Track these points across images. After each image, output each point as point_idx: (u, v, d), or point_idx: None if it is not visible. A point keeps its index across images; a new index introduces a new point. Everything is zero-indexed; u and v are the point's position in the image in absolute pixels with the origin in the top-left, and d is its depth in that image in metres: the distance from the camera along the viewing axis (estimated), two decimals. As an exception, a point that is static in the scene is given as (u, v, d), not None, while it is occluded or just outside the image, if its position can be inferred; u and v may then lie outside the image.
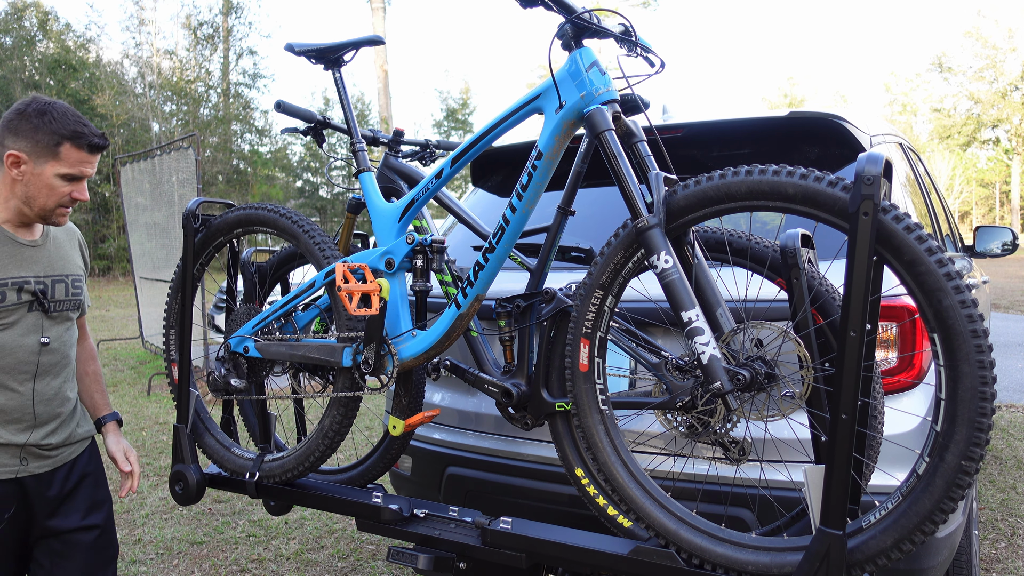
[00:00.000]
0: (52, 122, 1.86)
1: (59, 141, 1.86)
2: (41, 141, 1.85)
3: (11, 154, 1.84)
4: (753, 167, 1.39)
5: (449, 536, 1.88)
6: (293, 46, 2.16)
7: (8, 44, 26.68)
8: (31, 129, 1.84)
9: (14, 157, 1.84)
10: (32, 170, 1.86)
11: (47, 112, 1.87)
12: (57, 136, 1.86)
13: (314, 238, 2.08)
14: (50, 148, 1.86)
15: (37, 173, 1.86)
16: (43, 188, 1.88)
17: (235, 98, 30.27)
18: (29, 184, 1.87)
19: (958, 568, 2.43)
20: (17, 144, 1.85)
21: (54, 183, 1.88)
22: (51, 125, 1.85)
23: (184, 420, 2.28)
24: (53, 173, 1.87)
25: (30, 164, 1.85)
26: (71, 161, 1.89)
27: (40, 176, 1.87)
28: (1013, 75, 39.85)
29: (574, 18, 1.61)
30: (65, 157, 1.87)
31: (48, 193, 1.88)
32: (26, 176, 1.86)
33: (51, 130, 1.85)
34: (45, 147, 1.85)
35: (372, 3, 19.87)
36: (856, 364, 1.26)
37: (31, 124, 1.85)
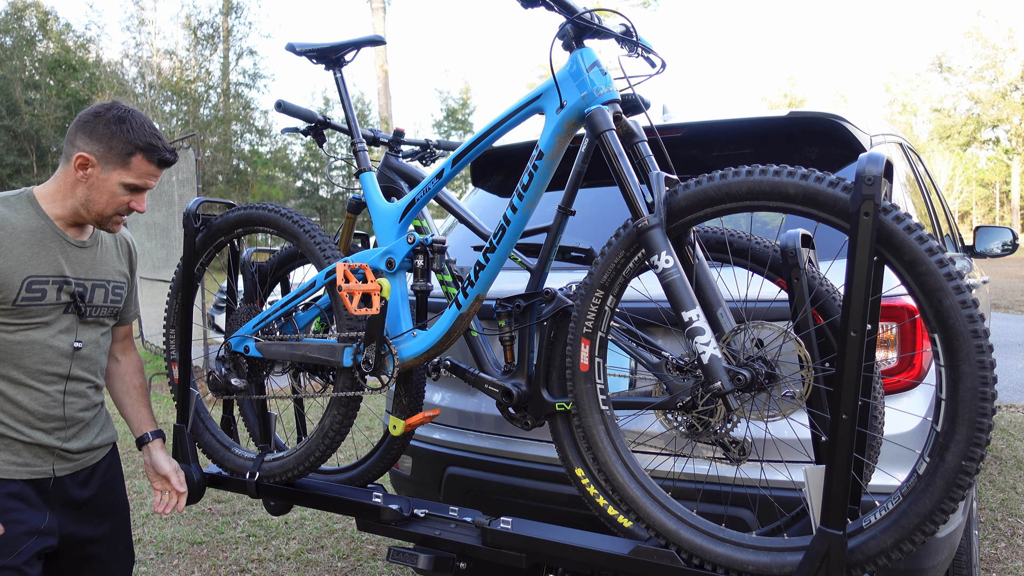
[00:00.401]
0: (129, 131, 1.84)
1: (132, 151, 1.84)
2: (115, 148, 1.83)
3: (81, 156, 1.82)
4: (753, 167, 1.39)
5: (449, 536, 1.88)
6: (294, 46, 2.16)
7: (8, 44, 26.68)
8: (107, 135, 1.83)
9: (83, 159, 1.82)
10: (98, 175, 1.84)
11: (126, 120, 1.85)
12: (132, 146, 1.84)
13: (315, 238, 2.08)
14: (122, 157, 1.84)
15: (103, 179, 1.84)
16: (105, 194, 1.86)
17: (235, 98, 30.28)
18: (92, 188, 1.85)
19: (958, 568, 2.43)
20: (90, 147, 1.83)
21: (117, 191, 1.86)
22: (128, 134, 1.84)
23: (184, 420, 2.28)
24: (118, 181, 1.85)
25: (97, 168, 1.83)
26: (139, 172, 1.87)
27: (105, 182, 1.85)
28: (1013, 75, 39.86)
29: (575, 18, 1.61)
30: (135, 168, 1.86)
31: (108, 200, 1.86)
32: (91, 179, 1.84)
33: (127, 139, 1.83)
34: (117, 155, 1.84)
35: (372, 3, 19.87)
36: (856, 364, 1.26)
37: (108, 130, 1.83)
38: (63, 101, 26.34)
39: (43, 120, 25.32)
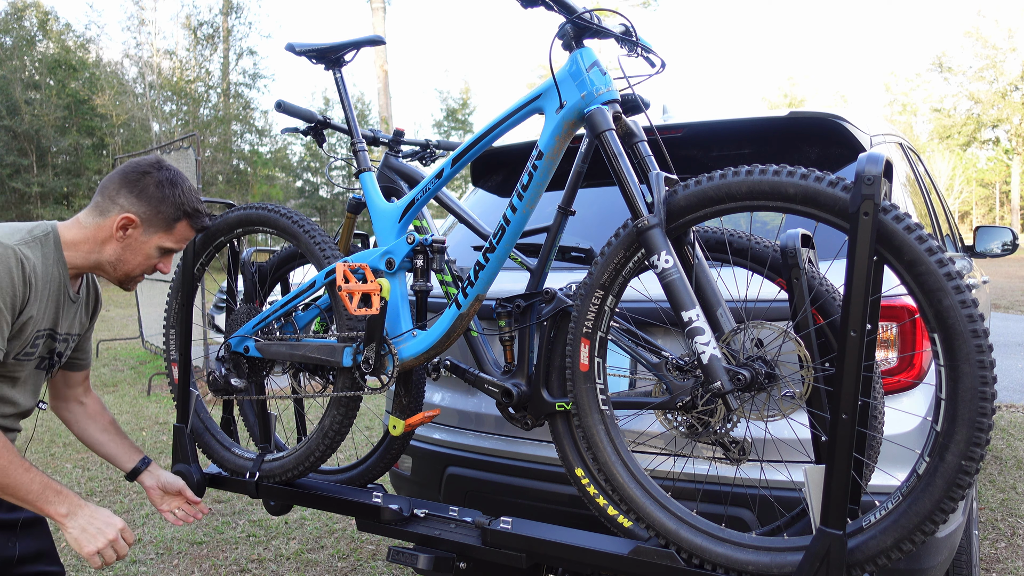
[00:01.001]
0: (181, 195, 1.79)
1: (180, 216, 1.80)
2: (163, 212, 1.77)
3: (126, 217, 1.74)
4: (753, 167, 1.39)
5: (449, 536, 1.88)
6: (294, 46, 2.16)
7: (8, 44, 26.67)
8: (158, 198, 1.76)
9: (128, 220, 1.75)
10: (138, 236, 1.77)
11: (177, 184, 1.79)
12: (180, 211, 1.79)
13: (314, 238, 2.08)
14: (168, 221, 1.79)
15: (142, 240, 1.78)
16: (139, 256, 1.80)
17: (235, 98, 30.28)
18: (127, 248, 1.78)
19: (958, 568, 2.43)
20: (137, 208, 1.75)
21: (152, 253, 1.81)
22: (179, 198, 1.78)
23: (184, 420, 2.28)
24: (157, 244, 1.80)
25: (139, 230, 1.77)
26: (179, 237, 1.83)
27: (144, 244, 1.79)
28: (1013, 75, 39.85)
29: (575, 18, 1.61)
30: (177, 232, 1.82)
31: (142, 262, 1.81)
32: (129, 240, 1.77)
33: (176, 203, 1.78)
34: (164, 219, 1.78)
35: (372, 3, 19.88)
36: (856, 364, 1.26)
37: (160, 192, 1.76)
38: (63, 101, 26.33)
39: (43, 120, 25.31)
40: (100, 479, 4.49)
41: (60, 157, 27.19)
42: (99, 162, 26.87)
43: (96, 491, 4.34)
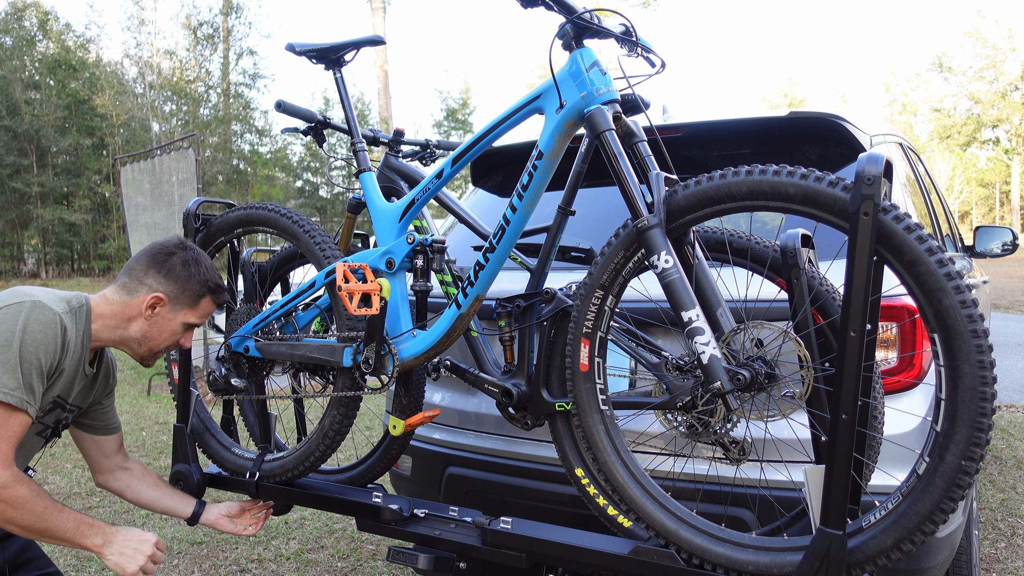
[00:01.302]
0: (205, 272, 1.87)
1: (204, 292, 1.88)
2: (189, 289, 1.85)
3: (156, 296, 1.82)
4: (753, 167, 1.39)
5: (449, 536, 1.88)
6: (294, 46, 2.16)
7: (8, 44, 26.67)
8: (185, 276, 1.84)
9: (157, 299, 1.82)
10: (166, 314, 1.84)
11: (200, 261, 1.88)
12: (205, 287, 1.87)
13: (314, 238, 2.08)
14: (193, 298, 1.86)
15: (169, 318, 1.85)
16: (166, 332, 1.86)
17: (235, 98, 30.26)
18: (154, 326, 1.84)
19: (958, 568, 2.43)
20: (165, 287, 1.83)
21: (177, 329, 1.88)
22: (203, 275, 1.86)
23: (184, 420, 2.28)
24: (182, 320, 1.87)
25: (166, 308, 1.84)
26: (202, 313, 1.90)
27: (170, 321, 1.86)
28: (1013, 75, 39.83)
29: (575, 18, 1.61)
30: (201, 308, 1.89)
31: (168, 338, 1.87)
32: (156, 318, 1.83)
33: (201, 280, 1.86)
34: (190, 296, 1.86)
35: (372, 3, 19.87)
36: (856, 364, 1.26)
37: (187, 271, 1.84)
38: (63, 101, 26.32)
39: (43, 120, 25.30)
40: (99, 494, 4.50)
41: (60, 157, 27.18)
42: (99, 162, 26.86)
43: (96, 491, 4.34)
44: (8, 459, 1.62)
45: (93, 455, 2.09)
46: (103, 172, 26.62)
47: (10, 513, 1.62)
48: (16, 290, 1.71)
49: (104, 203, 26.99)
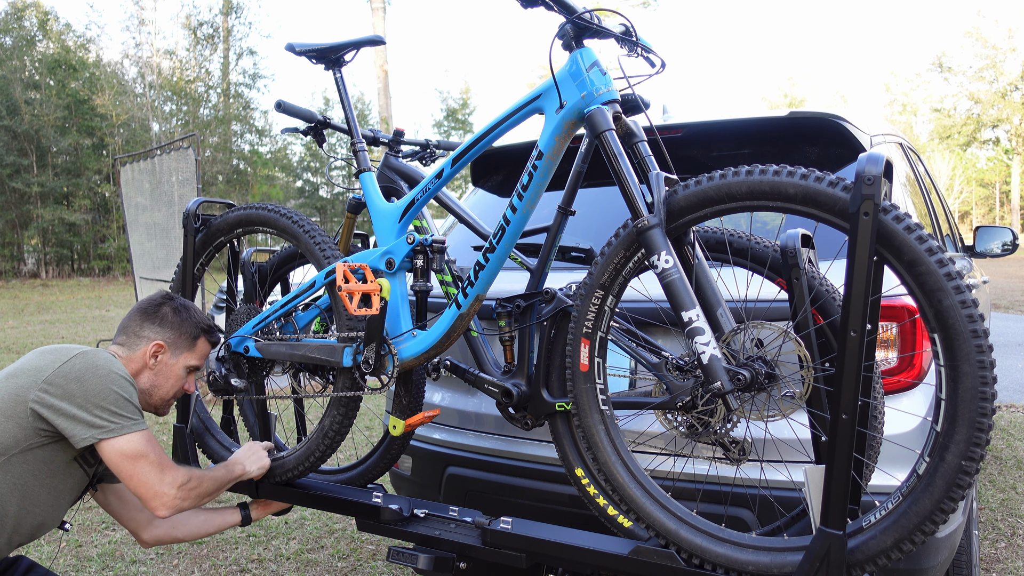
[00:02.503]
0: (195, 315, 1.98)
1: (198, 334, 1.98)
2: (185, 333, 1.95)
3: (156, 344, 1.91)
4: (753, 167, 1.39)
5: (449, 536, 1.88)
6: (294, 46, 2.16)
7: (8, 44, 26.67)
8: (178, 322, 1.94)
9: (159, 346, 1.91)
10: (168, 360, 1.94)
11: (188, 307, 2.00)
12: (198, 329, 1.98)
13: (314, 238, 2.08)
14: (190, 340, 1.96)
15: (171, 364, 1.94)
16: (171, 378, 1.95)
17: (235, 98, 30.28)
18: (159, 374, 1.93)
19: (958, 568, 2.43)
20: (163, 335, 1.92)
21: (181, 374, 1.97)
22: (194, 318, 1.97)
23: (184, 420, 2.28)
24: (184, 364, 1.97)
25: (167, 354, 1.93)
26: (200, 354, 2.00)
27: (173, 367, 1.95)
28: (1013, 75, 39.84)
29: (575, 18, 1.61)
30: (198, 349, 1.99)
31: (174, 383, 1.96)
32: (160, 366, 1.93)
33: (194, 323, 1.97)
34: (187, 339, 1.96)
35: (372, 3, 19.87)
36: (856, 364, 1.26)
37: (179, 317, 1.95)
38: (63, 101, 26.33)
39: (43, 120, 25.31)
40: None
41: (60, 157, 27.19)
42: (99, 162, 26.87)
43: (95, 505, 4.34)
44: (174, 464, 1.81)
45: (128, 514, 2.11)
46: (103, 172, 26.63)
47: (203, 492, 1.86)
48: (57, 346, 1.80)
49: (104, 203, 27.01)
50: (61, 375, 1.68)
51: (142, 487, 1.72)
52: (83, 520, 3.88)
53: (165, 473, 1.74)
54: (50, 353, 1.75)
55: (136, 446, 1.71)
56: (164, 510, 1.75)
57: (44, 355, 1.75)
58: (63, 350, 1.76)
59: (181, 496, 1.77)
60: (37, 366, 1.71)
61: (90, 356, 1.73)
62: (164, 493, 1.73)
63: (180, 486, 1.76)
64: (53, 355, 1.74)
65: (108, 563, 3.34)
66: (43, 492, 1.76)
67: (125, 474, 1.71)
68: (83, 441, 1.68)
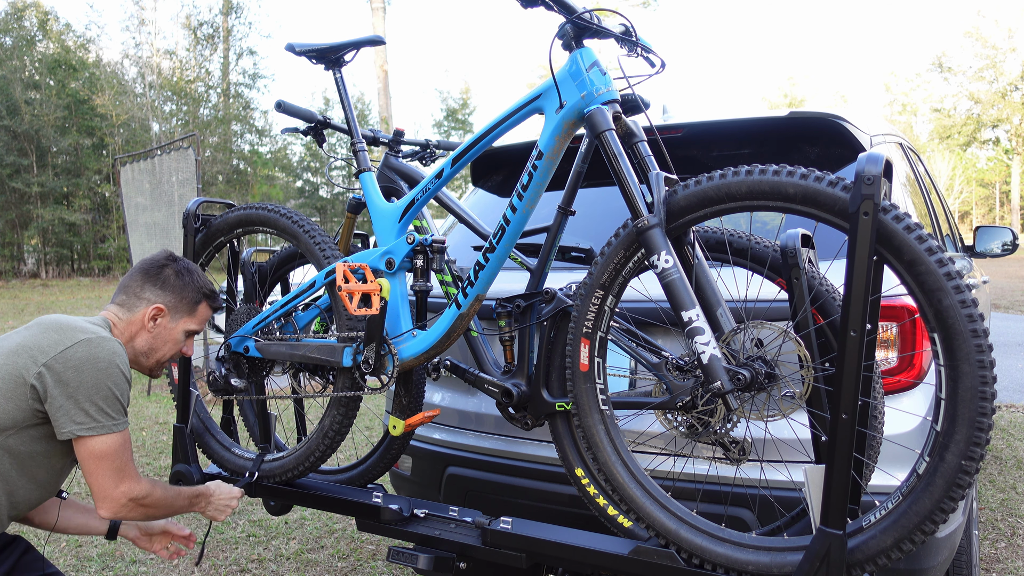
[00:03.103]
0: (197, 279, 1.94)
1: (199, 299, 1.94)
2: (186, 297, 1.92)
3: (156, 307, 1.88)
4: (753, 167, 1.39)
5: (449, 536, 1.88)
6: (294, 46, 2.16)
7: (8, 44, 26.66)
8: (180, 286, 1.91)
9: (158, 310, 1.88)
10: (167, 324, 1.91)
11: (193, 271, 1.95)
12: (199, 294, 1.94)
13: (314, 238, 2.08)
14: (191, 305, 1.93)
15: (170, 328, 1.91)
16: (169, 342, 1.92)
17: (235, 98, 30.27)
18: (157, 337, 1.90)
19: (958, 568, 2.43)
20: (163, 298, 1.89)
21: (180, 338, 1.94)
22: (196, 283, 1.93)
23: (184, 420, 2.28)
24: (183, 329, 1.94)
25: (167, 318, 1.90)
26: (201, 318, 1.96)
27: (172, 331, 1.92)
28: (1013, 75, 39.83)
29: (575, 18, 1.61)
30: (199, 314, 1.96)
31: (171, 347, 1.94)
32: (158, 329, 1.90)
33: (196, 287, 1.93)
34: (188, 304, 1.92)
35: (372, 3, 19.86)
36: (856, 364, 1.26)
37: (181, 280, 1.91)
38: (63, 101, 26.32)
39: (43, 120, 25.30)
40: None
41: (60, 157, 27.18)
42: (99, 162, 26.86)
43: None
44: (136, 472, 1.78)
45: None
46: (103, 172, 26.62)
47: (151, 513, 1.84)
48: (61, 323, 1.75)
49: (104, 203, 27.00)
50: (62, 360, 1.66)
51: (96, 485, 1.73)
52: (83, 520, 3.88)
53: (123, 481, 1.74)
54: (55, 331, 1.71)
55: (106, 448, 1.70)
56: (106, 512, 1.76)
57: (48, 332, 1.71)
58: (68, 329, 1.72)
59: (129, 507, 1.76)
60: (40, 345, 1.68)
61: (93, 345, 1.70)
62: (114, 500, 1.74)
63: (133, 498, 1.75)
64: (58, 334, 1.70)
65: (108, 563, 3.34)
66: (41, 471, 1.76)
67: (86, 469, 1.72)
68: (63, 435, 1.67)
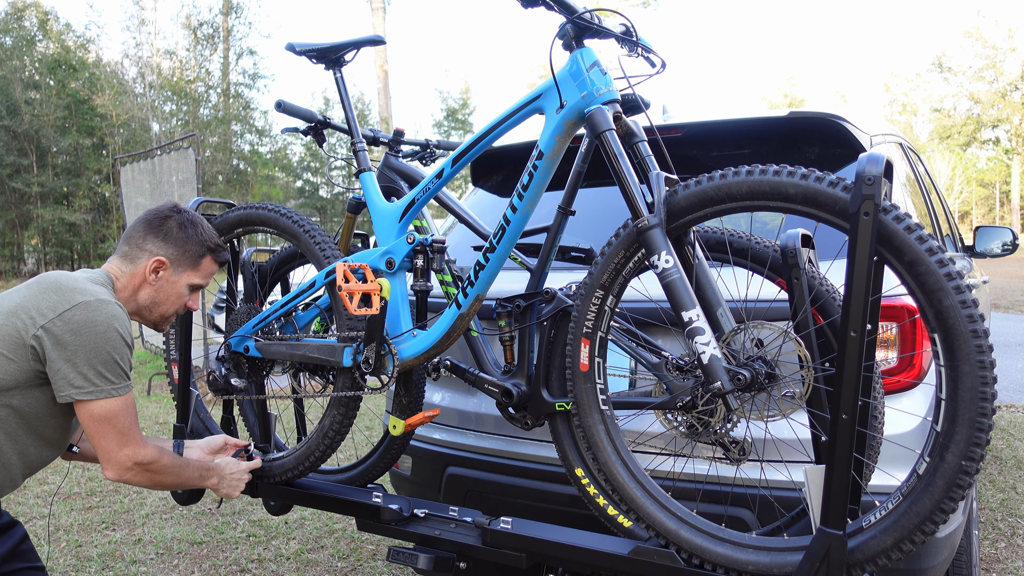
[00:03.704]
0: (201, 232, 1.90)
1: (204, 252, 1.91)
2: (189, 250, 1.89)
3: (158, 259, 1.85)
4: (753, 167, 1.39)
5: (449, 536, 1.88)
6: (294, 46, 2.16)
7: (8, 44, 26.66)
8: (182, 238, 1.88)
9: (160, 263, 1.85)
10: (169, 277, 1.88)
11: (197, 223, 1.91)
12: (203, 247, 1.91)
13: (314, 238, 2.08)
14: (193, 259, 1.90)
15: (173, 281, 1.89)
16: (172, 296, 1.90)
17: (235, 98, 30.25)
18: (160, 291, 1.88)
19: (958, 568, 2.43)
20: (165, 250, 1.86)
21: (183, 292, 1.91)
22: (201, 236, 1.90)
23: (184, 420, 2.28)
24: (187, 282, 1.91)
25: (169, 271, 1.87)
26: (205, 272, 1.94)
27: (174, 284, 1.89)
28: (1013, 75, 39.83)
29: (575, 18, 1.61)
30: (203, 268, 1.93)
31: (175, 301, 1.91)
32: (160, 282, 1.87)
33: (200, 240, 1.90)
34: (190, 257, 1.89)
35: (372, 3, 19.85)
36: (856, 364, 1.26)
37: (183, 233, 1.88)
38: (63, 101, 26.31)
39: (43, 120, 25.30)
40: (99, 479, 4.49)
41: (60, 157, 27.18)
42: (99, 162, 26.85)
43: (96, 491, 4.34)
44: (141, 437, 1.77)
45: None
46: (103, 172, 26.61)
47: (158, 479, 1.82)
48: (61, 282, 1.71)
49: (104, 203, 26.98)
50: (60, 323, 1.64)
51: (100, 448, 1.72)
52: (83, 520, 3.88)
53: (126, 445, 1.72)
54: (54, 292, 1.69)
55: (107, 412, 1.68)
56: (112, 474, 1.74)
57: (47, 293, 1.69)
58: (67, 290, 1.69)
59: (134, 472, 1.75)
60: (38, 306, 1.66)
61: (91, 309, 1.67)
62: (118, 463, 1.72)
63: (138, 462, 1.74)
64: (56, 295, 1.68)
65: (108, 563, 3.34)
66: (48, 429, 1.76)
67: (89, 432, 1.71)
68: (62, 398, 1.67)
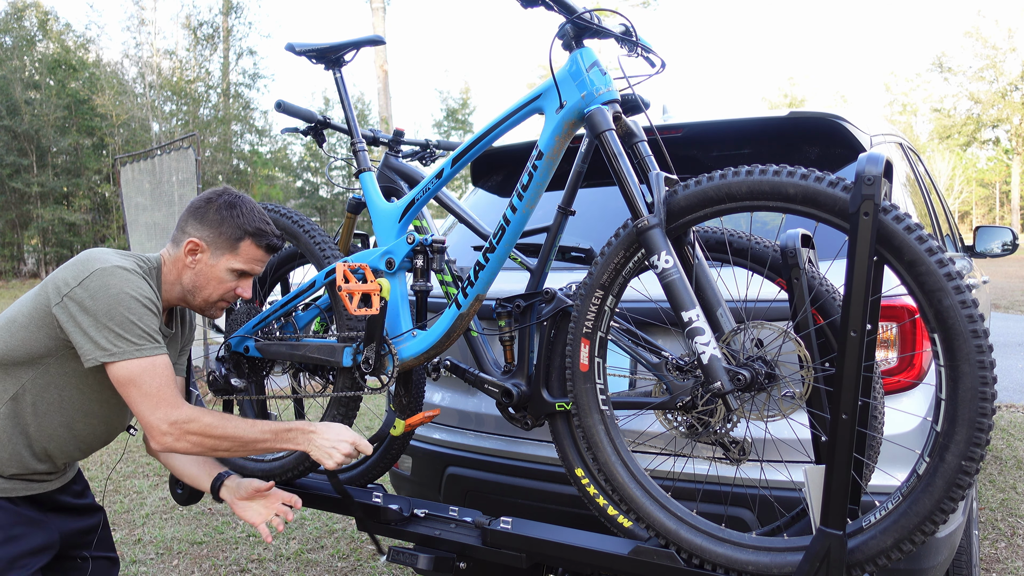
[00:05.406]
0: (240, 216, 1.85)
1: (241, 236, 1.85)
2: (225, 233, 1.84)
3: (192, 241, 1.83)
4: (753, 167, 1.39)
5: (449, 536, 1.88)
6: (294, 46, 2.16)
7: (8, 44, 26.66)
8: (218, 220, 1.84)
9: (194, 244, 1.83)
10: (207, 260, 1.85)
11: (236, 205, 1.86)
12: (241, 231, 1.85)
13: (314, 238, 2.08)
14: (231, 242, 1.85)
15: (211, 264, 1.85)
16: (212, 280, 1.86)
17: (235, 98, 30.26)
18: (199, 274, 1.85)
19: (958, 568, 2.43)
20: (200, 232, 1.84)
21: (224, 276, 1.86)
22: (238, 219, 1.85)
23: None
24: (226, 267, 1.86)
25: (207, 254, 1.84)
26: (246, 257, 1.88)
27: (213, 268, 1.85)
28: (1013, 75, 39.84)
29: (575, 18, 1.61)
30: (243, 252, 1.87)
31: (216, 285, 1.87)
32: (199, 265, 1.84)
33: (237, 224, 1.85)
34: (227, 240, 1.84)
35: (372, 3, 19.85)
36: (856, 364, 1.26)
37: (219, 215, 1.84)
38: (63, 101, 26.32)
39: (43, 120, 25.31)
40: (99, 479, 4.50)
41: (60, 157, 27.19)
42: (99, 162, 26.86)
43: (96, 491, 4.35)
44: (178, 400, 1.70)
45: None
46: (103, 172, 26.62)
47: (210, 443, 1.72)
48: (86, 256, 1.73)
49: (104, 203, 26.99)
50: (81, 289, 1.64)
51: (138, 416, 1.68)
52: (83, 520, 3.88)
53: (159, 407, 1.66)
54: (79, 264, 1.70)
55: (132, 373, 1.65)
56: (155, 443, 1.70)
57: (73, 265, 1.70)
58: (89, 261, 1.70)
59: (174, 435, 1.67)
60: (64, 277, 1.68)
61: (106, 274, 1.66)
62: (154, 427, 1.66)
63: (173, 422, 1.66)
64: (80, 266, 1.69)
65: (108, 563, 3.34)
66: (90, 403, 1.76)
67: (125, 398, 1.68)
68: (89, 362, 1.65)
